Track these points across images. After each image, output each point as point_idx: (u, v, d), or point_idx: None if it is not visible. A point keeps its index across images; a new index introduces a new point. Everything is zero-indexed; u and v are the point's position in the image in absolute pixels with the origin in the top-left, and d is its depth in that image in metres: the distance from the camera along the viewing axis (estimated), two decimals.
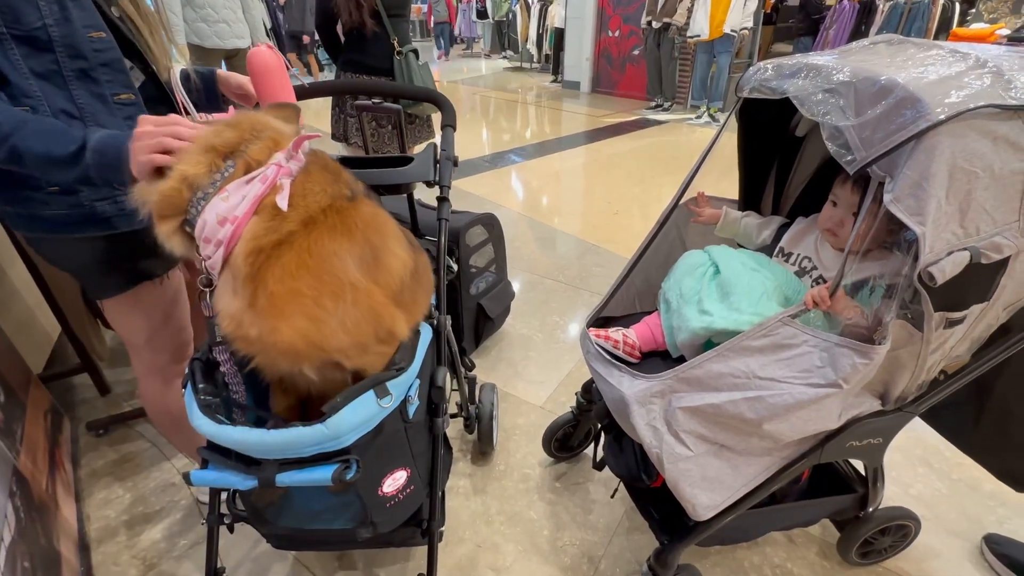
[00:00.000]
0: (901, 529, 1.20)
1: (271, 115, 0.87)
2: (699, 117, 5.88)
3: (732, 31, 5.33)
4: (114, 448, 1.66)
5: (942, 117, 0.63)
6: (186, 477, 0.77)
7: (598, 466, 1.25)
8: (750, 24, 5.55)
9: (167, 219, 0.74)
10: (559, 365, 2.00)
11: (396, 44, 2.21)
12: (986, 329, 0.85)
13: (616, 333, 1.08)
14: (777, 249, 1.08)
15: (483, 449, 1.60)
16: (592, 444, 1.35)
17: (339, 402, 0.74)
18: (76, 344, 1.73)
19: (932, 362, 0.81)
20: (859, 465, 1.14)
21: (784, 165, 1.16)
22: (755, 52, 6.41)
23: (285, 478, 0.74)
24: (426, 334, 0.94)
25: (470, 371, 1.80)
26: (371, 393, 0.77)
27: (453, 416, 1.53)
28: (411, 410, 0.87)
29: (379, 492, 0.86)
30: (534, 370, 1.98)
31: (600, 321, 1.19)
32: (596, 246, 2.96)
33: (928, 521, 1.26)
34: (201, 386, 0.79)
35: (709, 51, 5.61)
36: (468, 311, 1.88)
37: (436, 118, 1.76)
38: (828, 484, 1.12)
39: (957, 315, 0.75)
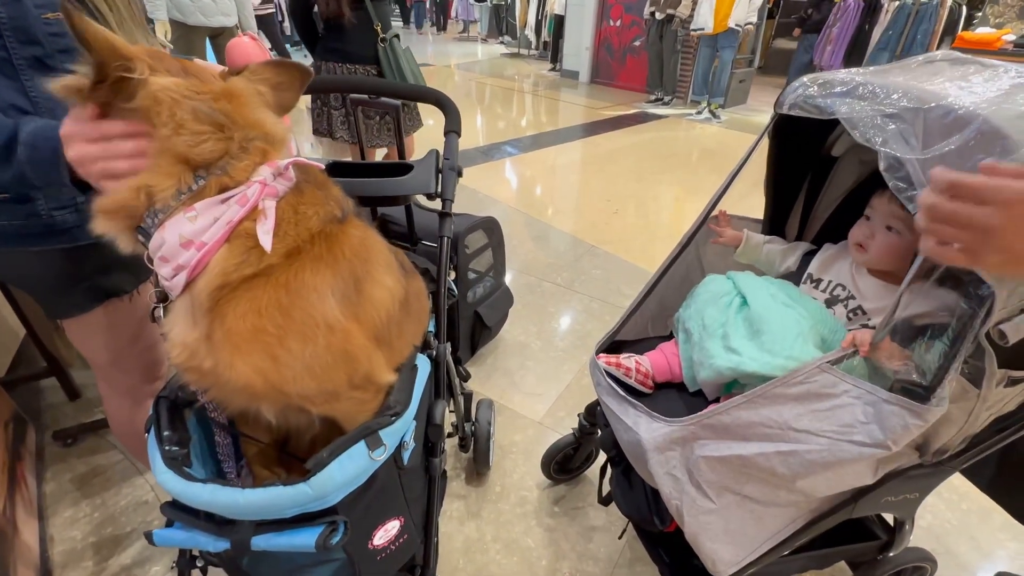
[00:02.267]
0: (918, 571, 1.14)
1: (267, 76, 0.72)
2: (699, 113, 5.78)
3: (736, 26, 5.21)
4: (83, 460, 1.56)
5: None
6: (148, 537, 0.67)
7: (604, 501, 1.17)
8: (755, 19, 5.44)
9: (115, 219, 0.63)
10: (558, 376, 1.92)
11: (379, 31, 2.06)
12: None
13: (628, 360, 1.00)
14: (805, 275, 1.00)
15: (479, 469, 1.52)
16: (598, 473, 1.27)
17: (325, 457, 0.65)
18: (42, 348, 1.61)
19: (984, 418, 0.74)
20: None
21: (814, 186, 1.07)
22: (758, 48, 6.32)
23: (262, 542, 0.65)
24: (424, 369, 0.84)
25: (465, 381, 1.71)
26: (362, 445, 0.67)
27: (448, 436, 1.45)
28: (406, 456, 0.78)
29: (369, 546, 0.78)
30: (532, 381, 1.90)
31: (611, 346, 1.10)
32: (595, 247, 2.87)
33: (940, 555, 1.21)
34: (166, 434, 0.69)
35: (712, 45, 5.49)
36: (465, 319, 1.78)
37: (424, 107, 1.60)
38: (848, 528, 1.05)
39: (1022, 374, 0.67)
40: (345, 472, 0.65)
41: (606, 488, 1.18)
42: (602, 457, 1.28)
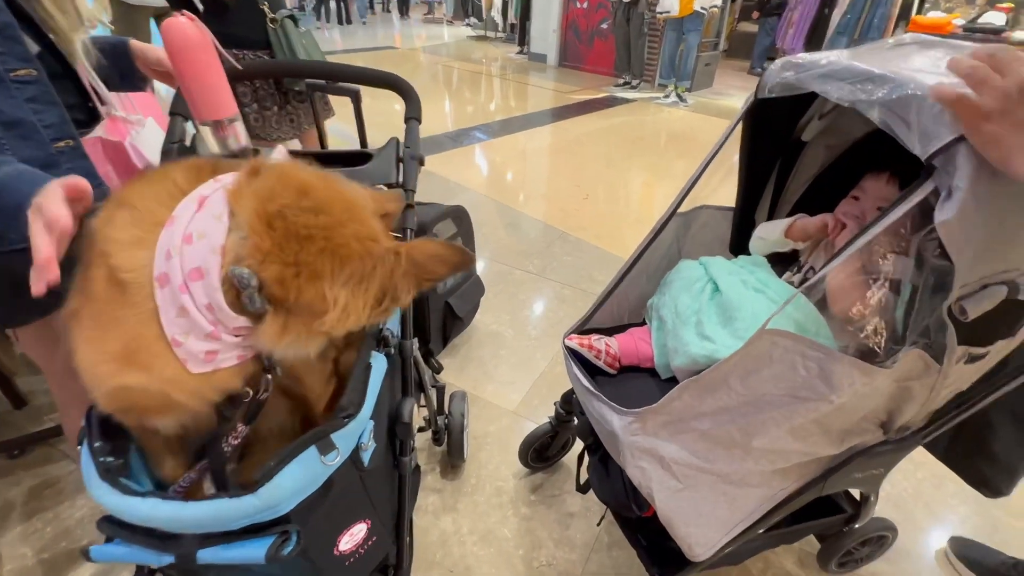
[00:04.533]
0: (880, 539, 1.18)
1: None
2: (667, 96, 5.79)
3: (702, 9, 5.23)
4: (32, 472, 1.46)
5: None
6: (85, 554, 0.62)
7: (582, 489, 1.17)
8: (719, 2, 5.46)
9: None
10: (531, 364, 1.91)
11: (267, 10, 1.81)
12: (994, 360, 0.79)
13: (599, 342, 0.99)
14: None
15: (453, 462, 1.50)
16: (576, 461, 1.26)
17: (272, 467, 0.60)
18: None
19: (944, 395, 0.75)
20: None
21: (783, 171, 1.07)
22: (723, 31, 6.36)
23: (208, 555, 0.61)
24: (379, 367, 0.80)
25: (438, 373, 1.67)
26: (312, 450, 0.63)
27: (420, 430, 1.42)
28: (366, 457, 0.74)
29: (335, 552, 0.74)
30: (505, 370, 1.88)
31: (582, 333, 1.08)
32: (566, 233, 2.86)
33: (899, 522, 1.25)
34: (98, 444, 0.63)
35: (678, 28, 5.50)
36: (435, 311, 1.74)
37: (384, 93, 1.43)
38: (816, 503, 1.08)
39: (981, 351, 0.68)
40: (295, 480, 0.61)
41: (584, 476, 1.18)
42: (579, 444, 1.28)
